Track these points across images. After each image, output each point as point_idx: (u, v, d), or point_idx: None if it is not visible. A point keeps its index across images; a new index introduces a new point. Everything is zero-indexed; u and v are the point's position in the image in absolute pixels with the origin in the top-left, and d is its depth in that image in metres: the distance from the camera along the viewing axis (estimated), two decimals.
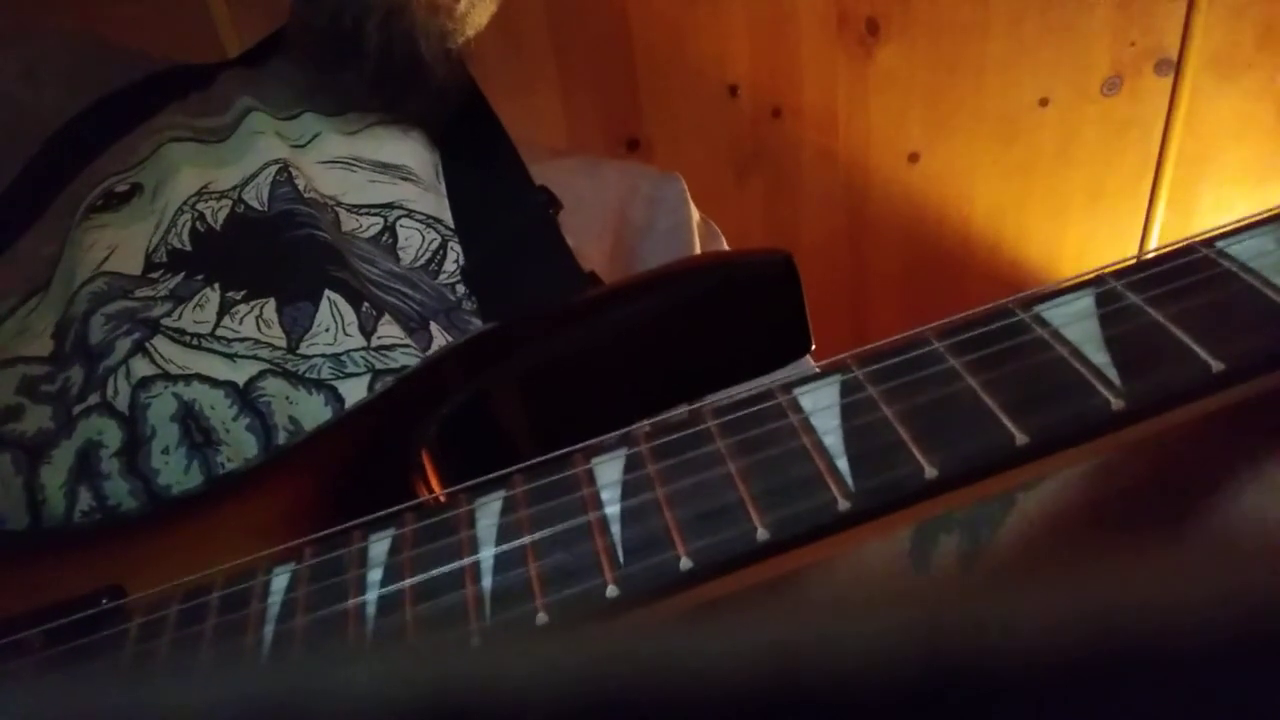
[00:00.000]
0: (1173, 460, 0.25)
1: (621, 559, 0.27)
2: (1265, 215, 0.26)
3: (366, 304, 0.50)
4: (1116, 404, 0.24)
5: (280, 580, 0.32)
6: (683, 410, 0.32)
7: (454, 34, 0.61)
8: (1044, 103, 1.28)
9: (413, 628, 0.28)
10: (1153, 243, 1.42)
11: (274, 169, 0.56)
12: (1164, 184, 1.36)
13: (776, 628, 0.16)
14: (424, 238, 0.56)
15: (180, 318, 0.48)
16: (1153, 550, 0.15)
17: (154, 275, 0.51)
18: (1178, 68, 1.27)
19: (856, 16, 1.20)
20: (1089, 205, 1.37)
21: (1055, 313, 0.27)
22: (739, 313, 0.40)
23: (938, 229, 1.35)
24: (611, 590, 0.27)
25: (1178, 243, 0.26)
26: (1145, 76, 1.28)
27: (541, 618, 0.27)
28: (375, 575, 0.31)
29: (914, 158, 1.30)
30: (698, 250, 0.66)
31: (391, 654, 0.19)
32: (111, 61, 0.68)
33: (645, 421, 0.38)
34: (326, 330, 0.49)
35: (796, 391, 0.29)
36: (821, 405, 0.28)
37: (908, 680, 0.14)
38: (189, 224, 0.53)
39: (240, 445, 0.44)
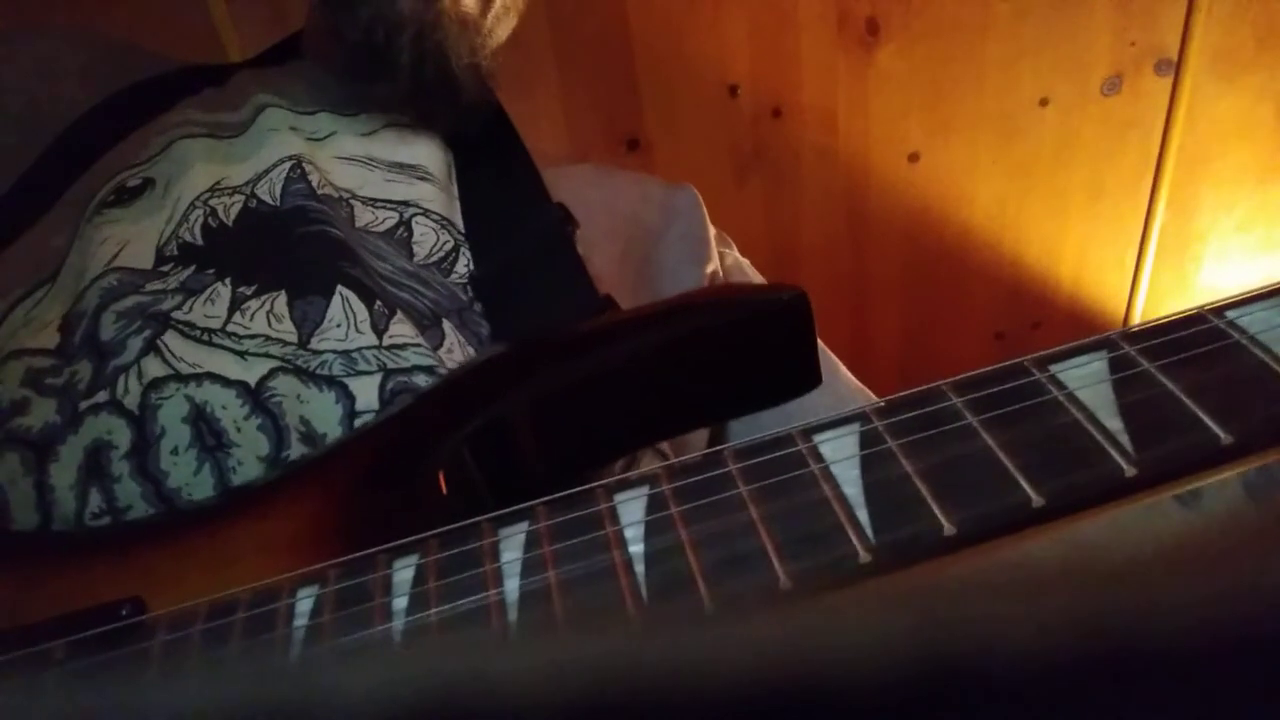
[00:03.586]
0: None
1: (646, 601, 0.28)
2: (1275, 287, 0.26)
3: (379, 302, 0.49)
4: (1130, 471, 0.25)
5: (305, 604, 0.32)
6: (700, 453, 0.32)
7: (482, 49, 0.60)
8: (1044, 102, 1.28)
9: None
10: (1152, 243, 1.42)
11: (288, 165, 0.56)
12: (1164, 184, 1.36)
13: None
14: (438, 238, 0.56)
15: (191, 311, 0.48)
16: None
17: (164, 269, 0.50)
18: (1178, 68, 1.28)
19: (856, 16, 1.20)
20: (1089, 205, 1.37)
21: (1070, 374, 0.28)
22: (753, 347, 0.40)
23: (938, 229, 1.36)
24: None
25: (1189, 310, 0.27)
26: (1145, 76, 1.28)
27: None
28: (401, 603, 0.31)
29: (914, 158, 1.30)
30: (715, 254, 0.66)
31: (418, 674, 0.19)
32: (126, 59, 0.68)
33: (666, 463, 0.38)
34: (338, 326, 0.48)
35: (817, 439, 0.30)
36: (842, 455, 0.29)
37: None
38: (200, 219, 0.53)
39: (252, 445, 0.44)
